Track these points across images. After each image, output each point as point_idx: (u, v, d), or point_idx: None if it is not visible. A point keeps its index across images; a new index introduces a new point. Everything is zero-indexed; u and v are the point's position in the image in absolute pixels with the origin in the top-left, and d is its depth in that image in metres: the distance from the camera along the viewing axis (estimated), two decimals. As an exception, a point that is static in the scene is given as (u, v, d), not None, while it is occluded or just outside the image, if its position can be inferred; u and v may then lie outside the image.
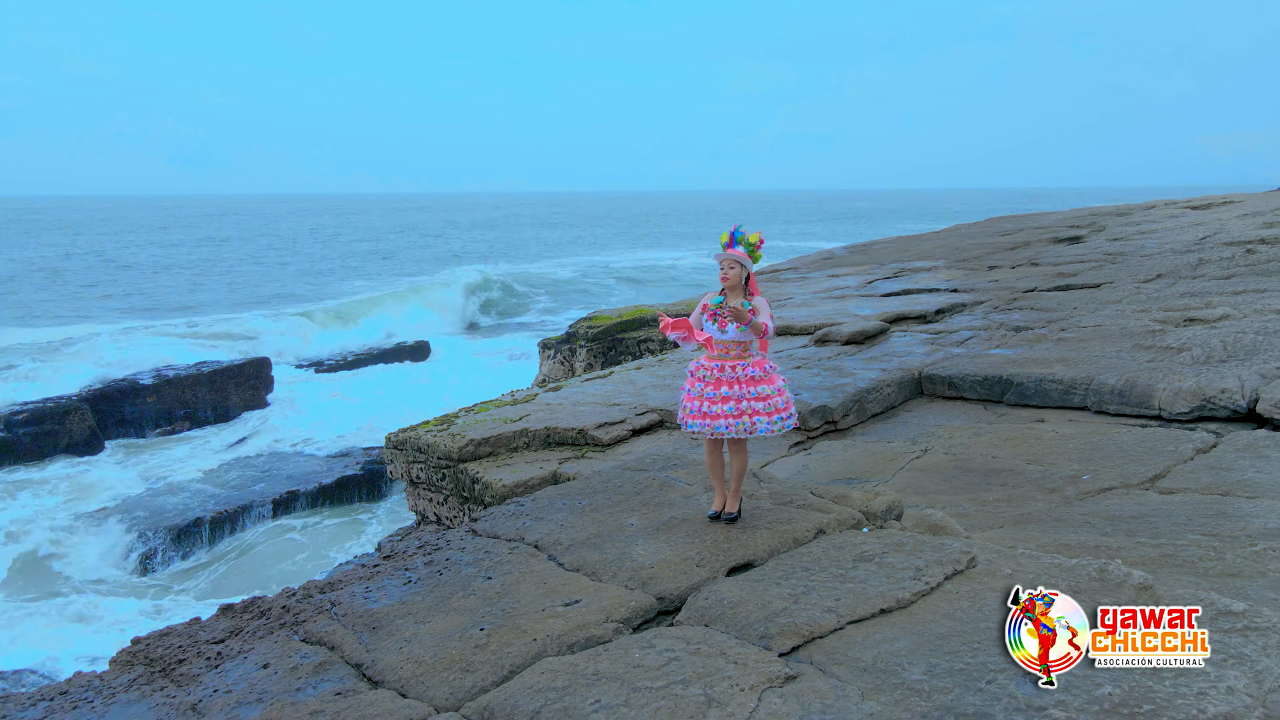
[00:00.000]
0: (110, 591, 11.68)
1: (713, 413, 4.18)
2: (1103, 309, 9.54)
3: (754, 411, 4.13)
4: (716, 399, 4.18)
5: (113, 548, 12.63)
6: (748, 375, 4.16)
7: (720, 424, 4.17)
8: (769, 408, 4.14)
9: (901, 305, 11.58)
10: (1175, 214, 18.37)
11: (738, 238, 4.32)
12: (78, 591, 11.52)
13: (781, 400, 4.19)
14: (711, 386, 4.22)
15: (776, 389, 4.19)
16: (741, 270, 4.29)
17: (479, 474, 8.13)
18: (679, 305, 16.12)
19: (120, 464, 16.60)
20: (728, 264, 4.29)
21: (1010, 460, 5.92)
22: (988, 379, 7.49)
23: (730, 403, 4.15)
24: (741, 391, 4.15)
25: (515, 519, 4.93)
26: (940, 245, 19.68)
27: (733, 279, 4.28)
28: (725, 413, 4.15)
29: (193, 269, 51.16)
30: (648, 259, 55.58)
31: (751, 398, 4.14)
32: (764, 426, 4.13)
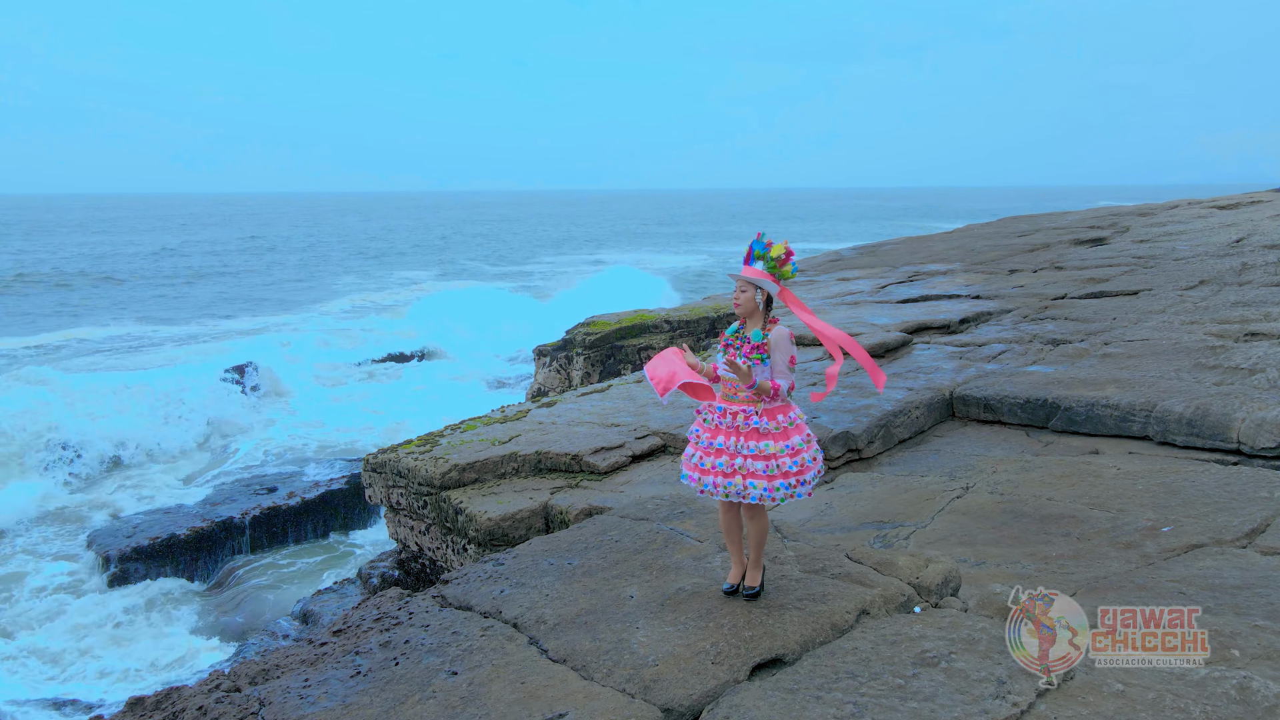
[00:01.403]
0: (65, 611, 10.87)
1: (704, 466, 3.39)
2: (1147, 319, 8.73)
3: (749, 472, 3.32)
4: (710, 450, 3.39)
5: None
6: (750, 426, 3.35)
7: (708, 481, 3.37)
8: (770, 469, 3.32)
9: (921, 313, 10.77)
10: (1202, 214, 17.56)
11: (756, 252, 3.51)
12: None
13: (792, 462, 3.36)
14: (709, 433, 3.42)
15: (789, 447, 3.37)
16: (756, 293, 3.49)
17: (462, 504, 7.35)
18: (682, 311, 15.33)
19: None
20: (739, 287, 3.48)
21: (1069, 503, 5.12)
22: (1030, 402, 6.69)
23: (723, 457, 3.35)
24: (738, 445, 3.34)
25: (493, 583, 4.12)
26: (953, 247, 18.88)
27: (745, 305, 3.47)
28: (715, 468, 3.35)
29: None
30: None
31: (749, 454, 3.33)
32: (757, 493, 3.32)
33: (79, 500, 13.75)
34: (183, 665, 9.52)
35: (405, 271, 46.78)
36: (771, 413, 3.39)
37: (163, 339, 26.06)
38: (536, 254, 61.20)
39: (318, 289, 39.29)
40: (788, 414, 3.42)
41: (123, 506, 13.71)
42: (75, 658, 9.51)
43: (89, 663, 9.40)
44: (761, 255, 3.49)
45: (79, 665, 9.34)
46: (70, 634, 9.94)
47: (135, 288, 38.00)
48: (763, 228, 79.79)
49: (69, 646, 9.73)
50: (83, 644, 9.75)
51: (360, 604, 4.30)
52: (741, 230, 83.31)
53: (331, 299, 35.66)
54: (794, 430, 3.41)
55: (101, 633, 10.05)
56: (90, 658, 9.53)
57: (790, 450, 3.37)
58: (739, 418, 3.37)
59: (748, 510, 3.49)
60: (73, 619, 10.24)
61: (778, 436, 3.36)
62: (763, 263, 3.49)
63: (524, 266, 51.95)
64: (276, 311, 32.20)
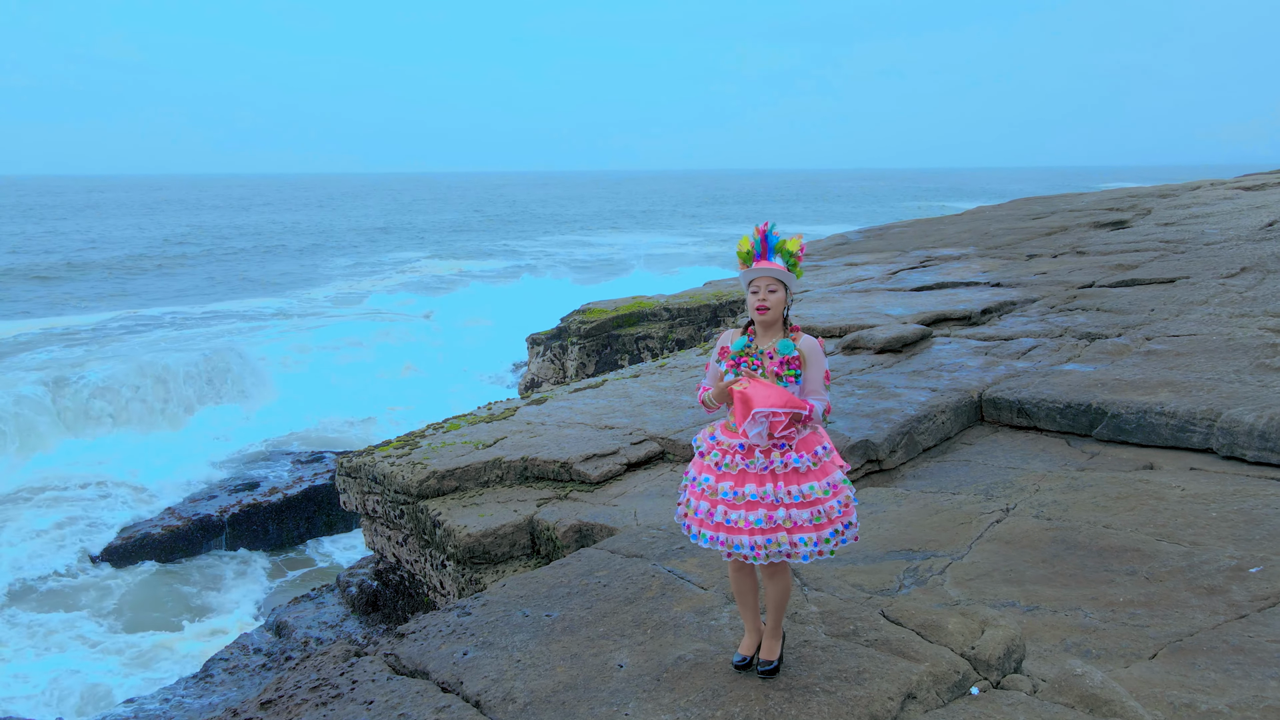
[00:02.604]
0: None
1: (732, 522, 2.68)
2: (1189, 311, 8.01)
3: (796, 525, 2.63)
4: (739, 500, 2.68)
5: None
6: (789, 466, 2.66)
7: (742, 542, 2.67)
8: (817, 516, 2.64)
9: (938, 303, 10.05)
10: (1228, 195, 16.77)
11: (774, 245, 2.80)
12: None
13: (837, 502, 2.69)
14: (733, 480, 2.71)
15: (830, 484, 2.69)
16: (785, 295, 2.79)
17: (441, 516, 6.67)
18: (683, 298, 14.60)
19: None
20: (767, 286, 2.78)
21: (1130, 532, 4.42)
22: (1071, 407, 5.98)
23: (760, 509, 2.65)
24: (778, 493, 2.65)
25: (456, 640, 3.43)
26: (965, 230, 18.11)
27: (776, 309, 2.77)
28: (750, 524, 2.65)
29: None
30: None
31: (792, 502, 2.64)
32: (808, 550, 2.64)
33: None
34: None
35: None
36: (807, 444, 2.70)
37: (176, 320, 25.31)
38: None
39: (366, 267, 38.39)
40: (816, 447, 2.73)
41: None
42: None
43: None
44: (780, 248, 2.78)
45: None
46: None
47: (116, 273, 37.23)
48: (765, 209, 79.27)
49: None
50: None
51: (298, 664, 3.63)
52: (740, 212, 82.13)
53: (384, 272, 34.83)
54: (831, 463, 2.72)
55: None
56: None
57: (832, 489, 2.69)
58: (772, 454, 2.66)
59: (768, 567, 2.79)
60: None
61: (818, 474, 2.67)
62: (781, 256, 2.78)
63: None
64: (274, 293, 31.42)
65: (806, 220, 67.26)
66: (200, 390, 15.97)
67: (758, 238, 2.76)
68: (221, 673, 8.38)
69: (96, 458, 13.94)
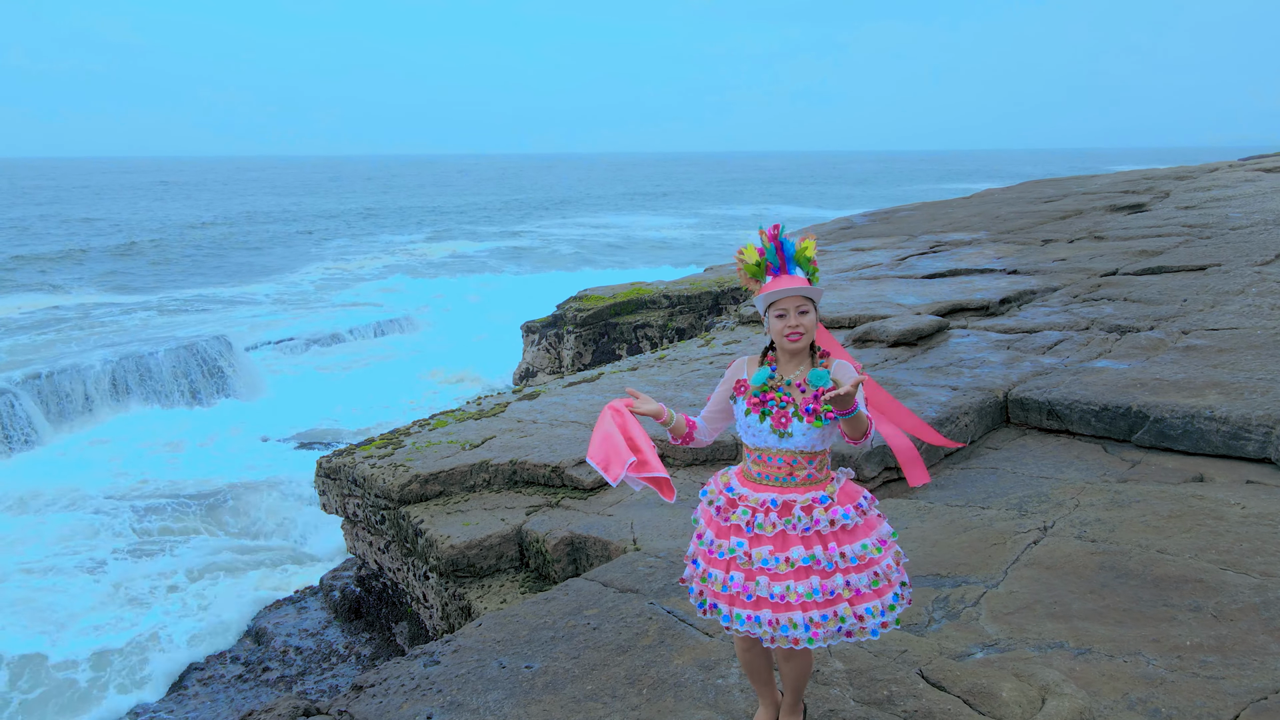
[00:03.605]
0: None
1: (778, 597, 2.16)
2: (1226, 302, 7.48)
3: (857, 593, 2.14)
4: (781, 570, 2.17)
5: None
6: (836, 524, 2.15)
7: (795, 621, 2.15)
8: (875, 580, 2.15)
9: (952, 291, 9.52)
10: (1249, 177, 16.19)
11: (792, 253, 2.29)
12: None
13: (890, 558, 2.19)
14: (772, 544, 2.20)
15: (880, 539, 2.20)
16: (816, 313, 2.29)
17: (424, 523, 6.20)
18: (682, 285, 14.05)
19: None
20: (796, 307, 2.27)
21: (1189, 558, 3.92)
22: (1109, 410, 5.47)
23: (812, 578, 2.14)
24: (829, 555, 2.14)
25: (420, 698, 2.94)
26: (975, 213, 17.54)
27: (810, 334, 2.27)
28: (803, 598, 2.14)
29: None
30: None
31: (849, 566, 2.14)
32: (876, 622, 2.15)
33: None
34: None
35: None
36: (848, 495, 2.20)
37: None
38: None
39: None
40: (861, 492, 2.23)
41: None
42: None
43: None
44: (799, 256, 2.27)
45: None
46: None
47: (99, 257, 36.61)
48: (766, 192, 78.82)
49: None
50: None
51: (246, 718, 3.14)
52: (733, 193, 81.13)
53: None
54: (875, 513, 2.24)
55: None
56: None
57: (882, 544, 2.20)
58: (815, 510, 2.16)
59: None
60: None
61: (867, 529, 2.18)
62: (801, 267, 2.27)
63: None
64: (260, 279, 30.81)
65: (808, 203, 66.49)
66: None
67: (771, 247, 2.24)
68: (196, 684, 7.93)
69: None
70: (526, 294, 22.53)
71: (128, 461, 11.80)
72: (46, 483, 11.14)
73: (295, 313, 23.83)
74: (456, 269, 32.50)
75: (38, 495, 10.70)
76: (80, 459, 12.17)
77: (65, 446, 12.98)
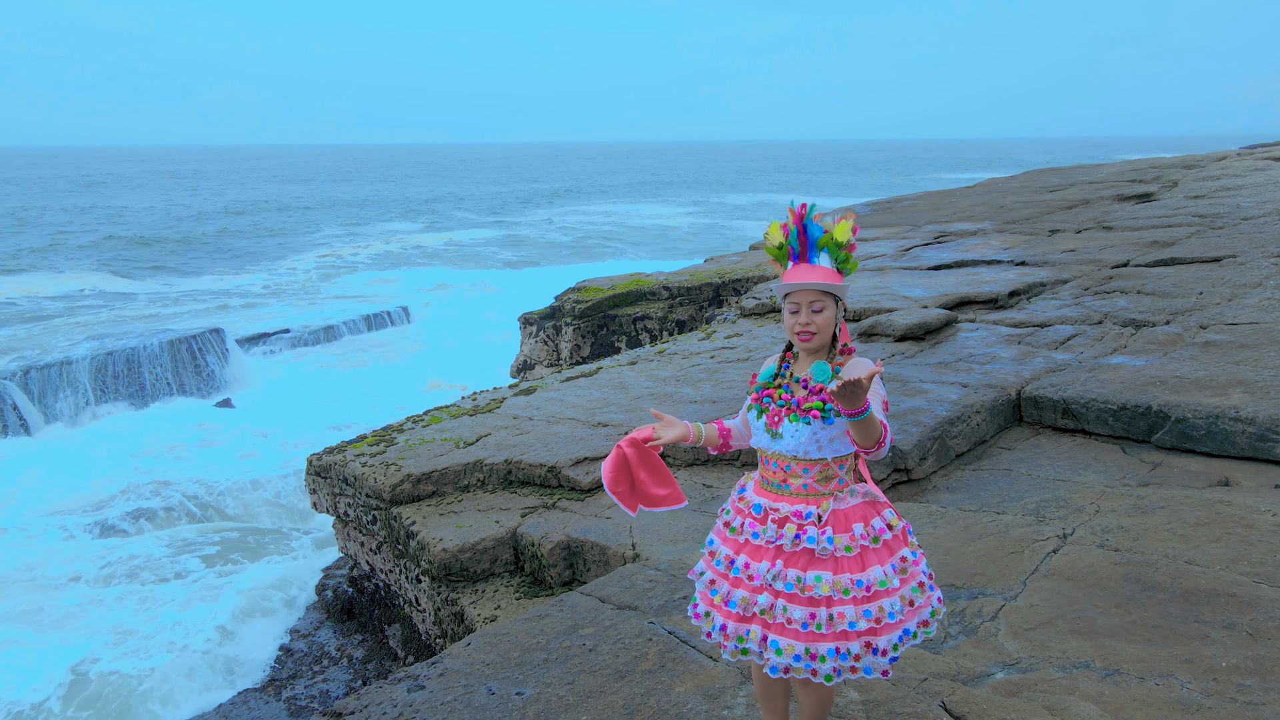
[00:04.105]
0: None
1: (773, 615, 1.97)
2: (1244, 296, 7.26)
3: (868, 625, 1.92)
4: (777, 586, 1.97)
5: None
6: (800, 543, 1.95)
7: (779, 648, 1.96)
8: (892, 609, 1.93)
9: (959, 283, 9.29)
10: (1258, 166, 15.93)
11: (816, 239, 2.06)
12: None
13: (910, 588, 1.98)
14: (770, 558, 2.00)
15: (899, 564, 1.98)
16: (837, 310, 2.06)
17: (416, 525, 6.00)
18: (683, 276, 13.81)
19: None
20: (809, 303, 2.04)
21: (1220, 570, 3.71)
22: (1127, 409, 5.25)
23: (817, 609, 1.93)
24: (835, 582, 1.93)
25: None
26: (979, 203, 17.29)
27: (825, 333, 2.05)
28: (798, 626, 1.93)
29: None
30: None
31: (858, 594, 1.93)
32: (887, 662, 1.94)
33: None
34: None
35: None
36: (848, 517, 1.98)
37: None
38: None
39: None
40: (874, 515, 2.01)
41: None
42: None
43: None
44: (827, 240, 2.03)
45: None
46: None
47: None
48: (766, 180, 78.40)
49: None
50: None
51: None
52: (733, 182, 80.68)
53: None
54: (899, 531, 2.01)
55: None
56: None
57: (902, 568, 1.98)
58: (788, 528, 1.95)
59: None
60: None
61: (890, 548, 1.96)
62: (829, 253, 2.04)
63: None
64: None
65: (809, 192, 66.05)
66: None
67: (794, 228, 2.01)
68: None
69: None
70: (524, 285, 22.28)
71: (113, 457, 11.59)
72: (31, 477, 10.94)
73: (287, 304, 23.57)
74: (453, 258, 32.21)
75: (20, 490, 10.49)
76: (65, 453, 11.95)
77: (50, 441, 12.77)
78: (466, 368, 15.60)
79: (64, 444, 12.58)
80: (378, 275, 28.33)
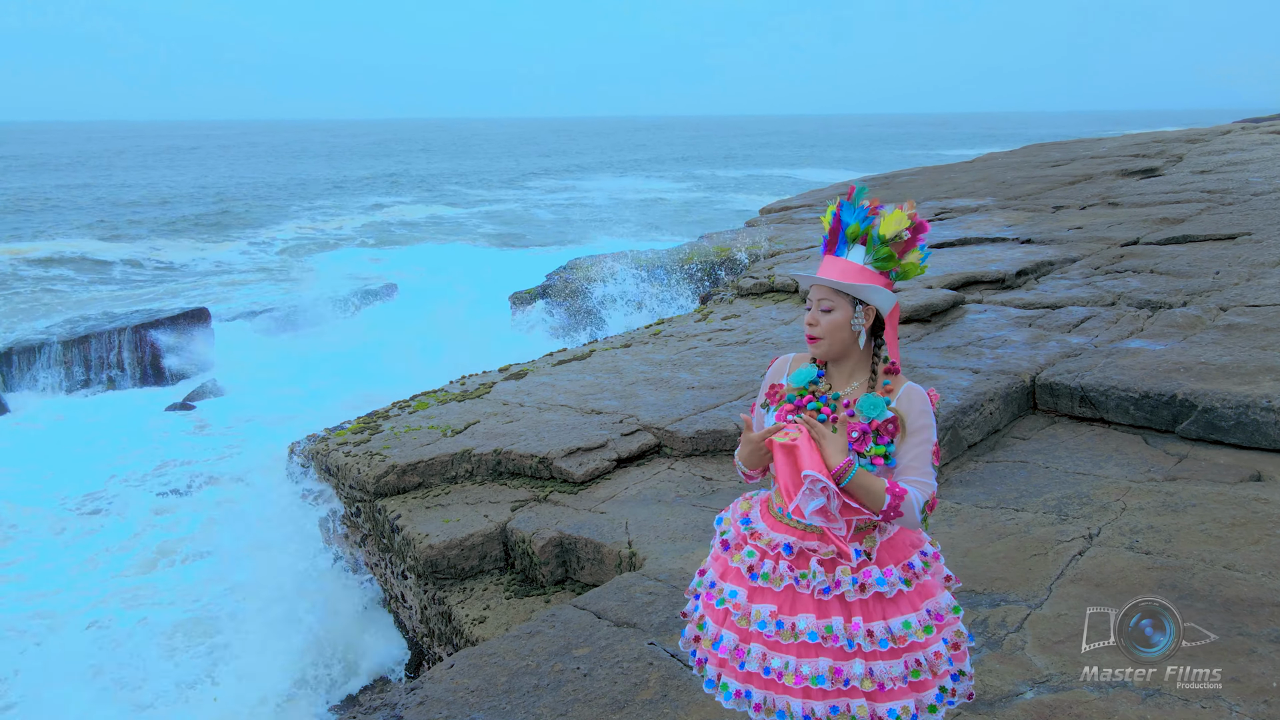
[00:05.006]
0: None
1: (774, 673, 1.69)
2: (1264, 275, 6.98)
3: (881, 688, 1.66)
4: (786, 639, 1.69)
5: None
6: (868, 588, 1.68)
7: (791, 710, 1.68)
8: (915, 670, 1.67)
9: (964, 262, 9.00)
10: (1264, 140, 15.63)
11: (847, 229, 1.76)
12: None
13: (943, 643, 1.71)
14: (776, 604, 1.72)
15: (933, 614, 1.71)
16: (854, 314, 1.77)
17: (401, 519, 5.71)
18: (680, 254, 13.46)
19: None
20: (819, 300, 1.75)
21: (1264, 577, 3.45)
22: (1150, 397, 4.98)
23: (820, 659, 1.66)
24: (849, 631, 1.66)
25: (375, 764, 2.45)
26: (979, 178, 16.95)
27: (833, 338, 1.76)
28: (805, 682, 1.66)
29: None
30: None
31: (876, 649, 1.66)
32: (970, 683, 1.68)
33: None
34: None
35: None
36: (895, 549, 1.71)
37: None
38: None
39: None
40: (918, 546, 1.73)
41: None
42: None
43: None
44: (865, 233, 1.73)
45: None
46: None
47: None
48: (761, 155, 77.44)
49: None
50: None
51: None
52: (727, 157, 79.73)
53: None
54: (933, 579, 1.73)
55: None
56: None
57: (935, 621, 1.71)
58: (841, 572, 1.67)
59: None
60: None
61: (914, 600, 1.68)
62: (865, 249, 1.74)
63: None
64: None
65: (805, 167, 65.45)
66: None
67: (831, 214, 1.71)
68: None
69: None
70: (513, 263, 21.85)
71: (87, 444, 11.24)
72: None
73: (269, 280, 23.11)
74: (439, 233, 31.61)
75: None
76: (29, 438, 11.59)
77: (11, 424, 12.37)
78: (454, 348, 15.23)
79: (28, 431, 12.21)
80: (358, 250, 27.79)
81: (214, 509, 8.88)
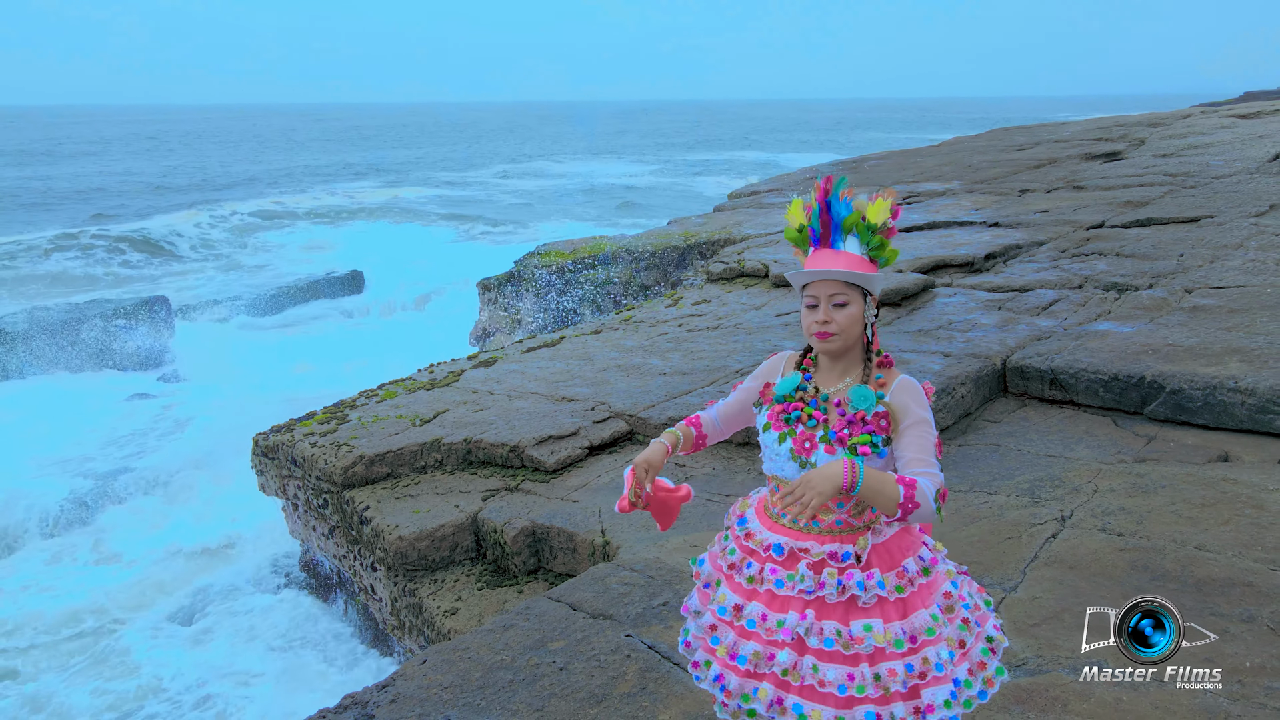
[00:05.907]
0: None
1: (798, 675, 1.65)
2: (1226, 257, 7.07)
3: (894, 689, 1.61)
4: (812, 642, 1.65)
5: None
6: (848, 590, 1.64)
7: (802, 714, 1.63)
8: (930, 665, 1.63)
9: (933, 245, 9.02)
10: (1224, 124, 15.87)
11: (841, 221, 1.71)
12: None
13: (956, 626, 1.67)
14: (798, 608, 1.67)
15: (944, 601, 1.67)
16: (866, 307, 1.72)
17: (369, 510, 5.61)
18: (646, 239, 13.37)
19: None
20: (830, 296, 1.70)
21: (1234, 557, 3.48)
22: (1118, 379, 5.01)
23: (858, 667, 1.62)
24: (886, 632, 1.62)
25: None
26: (945, 162, 17.03)
27: (847, 332, 1.71)
28: (832, 689, 1.62)
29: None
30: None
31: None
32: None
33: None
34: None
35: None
36: (890, 553, 1.66)
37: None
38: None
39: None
40: (916, 561, 1.70)
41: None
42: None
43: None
44: (855, 223, 1.68)
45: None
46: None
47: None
48: (729, 137, 77.29)
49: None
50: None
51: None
52: (696, 140, 79.54)
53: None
54: (938, 574, 1.70)
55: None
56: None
57: (950, 606, 1.66)
58: (827, 574, 1.63)
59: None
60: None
61: (925, 594, 1.64)
62: (860, 238, 1.69)
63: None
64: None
65: (772, 150, 65.49)
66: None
67: (816, 206, 1.65)
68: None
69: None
70: (480, 249, 21.61)
71: (50, 433, 10.95)
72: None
73: (229, 266, 22.64)
74: (403, 217, 31.14)
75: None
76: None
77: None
78: (422, 335, 15.05)
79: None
80: (324, 237, 27.32)
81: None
